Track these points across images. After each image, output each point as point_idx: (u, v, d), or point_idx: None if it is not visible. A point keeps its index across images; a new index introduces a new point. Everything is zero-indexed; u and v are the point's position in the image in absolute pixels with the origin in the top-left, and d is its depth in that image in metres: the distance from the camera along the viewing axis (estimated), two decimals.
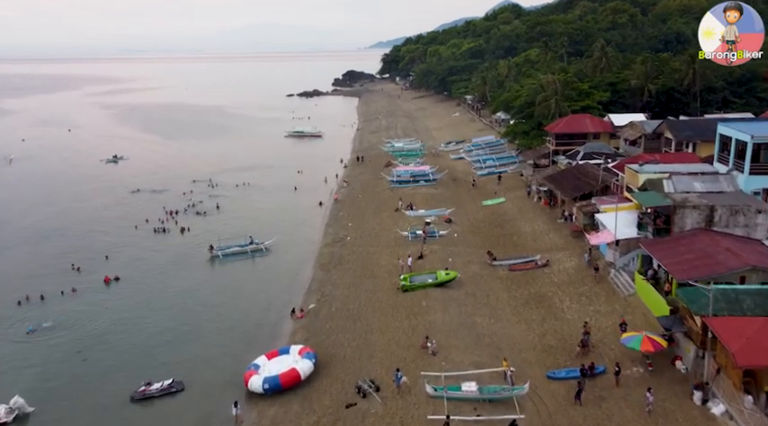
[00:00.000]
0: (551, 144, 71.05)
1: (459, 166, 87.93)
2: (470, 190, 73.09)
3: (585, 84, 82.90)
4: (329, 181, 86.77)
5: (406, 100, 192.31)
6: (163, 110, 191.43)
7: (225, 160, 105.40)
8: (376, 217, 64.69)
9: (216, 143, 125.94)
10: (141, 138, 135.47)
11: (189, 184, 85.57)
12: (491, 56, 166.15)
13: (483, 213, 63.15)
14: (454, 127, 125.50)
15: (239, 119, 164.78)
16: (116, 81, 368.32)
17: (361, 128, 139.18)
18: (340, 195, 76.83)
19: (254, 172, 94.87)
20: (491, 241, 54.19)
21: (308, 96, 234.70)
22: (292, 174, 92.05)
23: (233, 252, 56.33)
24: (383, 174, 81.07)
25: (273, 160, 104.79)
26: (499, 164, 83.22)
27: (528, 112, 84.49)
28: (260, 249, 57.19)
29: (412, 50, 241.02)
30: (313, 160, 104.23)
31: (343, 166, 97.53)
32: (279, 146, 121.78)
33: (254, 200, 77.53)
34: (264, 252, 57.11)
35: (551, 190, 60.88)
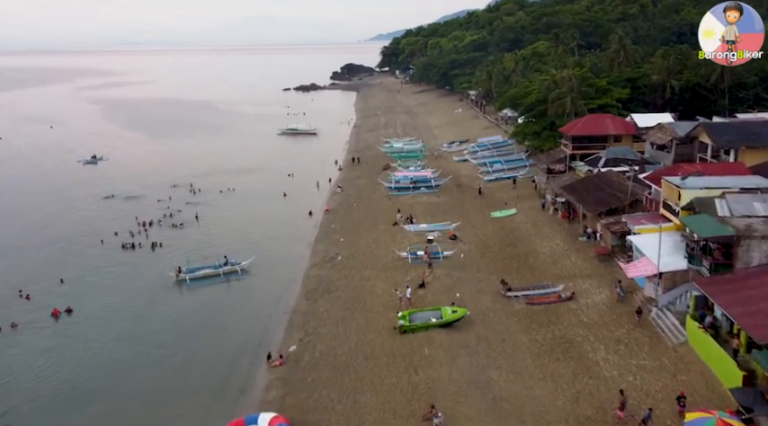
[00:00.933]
0: (568, 147, 63.64)
1: (464, 170, 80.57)
2: (477, 199, 65.76)
3: (603, 81, 75.36)
4: (322, 185, 79.48)
5: (406, 94, 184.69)
6: (153, 106, 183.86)
7: (211, 161, 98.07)
8: (371, 231, 57.40)
9: (204, 142, 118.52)
10: (125, 137, 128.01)
11: (168, 190, 78.30)
12: (495, 49, 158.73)
13: (492, 227, 55.83)
14: (457, 124, 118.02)
15: (231, 116, 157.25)
16: (110, 74, 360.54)
17: (359, 126, 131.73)
18: (333, 204, 69.52)
19: (241, 175, 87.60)
20: (503, 263, 46.91)
21: (304, 91, 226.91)
22: (282, 178, 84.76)
23: (204, 276, 48.90)
24: (380, 180, 73.63)
25: (264, 161, 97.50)
26: (508, 167, 75.83)
27: (539, 111, 77.09)
28: (236, 271, 49.82)
29: (412, 43, 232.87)
30: (306, 161, 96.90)
31: (338, 168, 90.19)
32: (271, 145, 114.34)
33: (237, 209, 70.18)
34: (241, 274, 49.70)
35: (570, 201, 53.61)
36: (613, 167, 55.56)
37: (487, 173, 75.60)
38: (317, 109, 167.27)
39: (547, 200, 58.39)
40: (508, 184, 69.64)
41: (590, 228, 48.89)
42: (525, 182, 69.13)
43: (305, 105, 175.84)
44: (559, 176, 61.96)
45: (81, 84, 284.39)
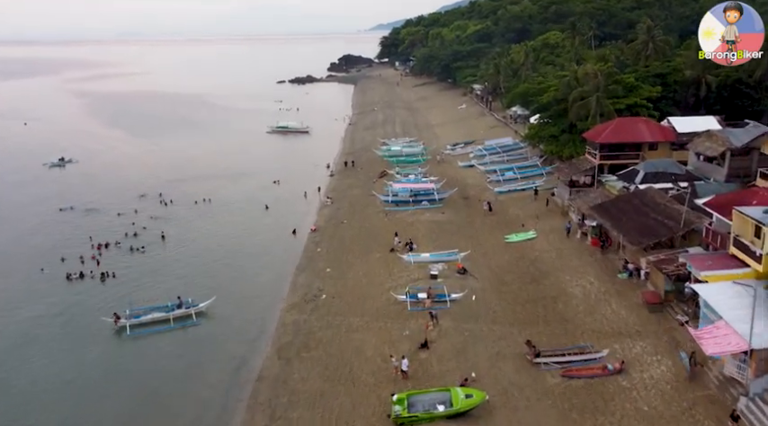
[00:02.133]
0: (595, 157, 54.17)
1: (470, 178, 71.19)
2: (487, 217, 56.41)
3: (631, 77, 65.79)
4: (310, 195, 70.19)
5: (406, 87, 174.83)
6: (139, 100, 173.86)
7: (191, 165, 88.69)
8: (364, 259, 48.17)
9: (186, 142, 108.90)
10: (103, 135, 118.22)
11: (135, 201, 69.05)
12: (500, 39, 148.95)
13: (509, 255, 46.53)
14: (461, 122, 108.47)
15: (219, 112, 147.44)
16: (102, 65, 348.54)
17: (355, 123, 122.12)
18: (321, 220, 60.28)
19: (221, 181, 78.32)
20: (526, 310, 37.65)
21: (300, 83, 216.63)
22: (267, 185, 75.51)
23: (150, 322, 39.60)
24: (375, 193, 64.11)
25: (248, 164, 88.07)
26: (521, 176, 66.54)
27: (557, 111, 67.72)
28: (190, 316, 40.38)
29: (412, 33, 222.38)
30: (295, 165, 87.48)
31: (330, 174, 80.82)
32: (258, 145, 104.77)
33: (211, 226, 60.83)
34: (197, 321, 40.14)
35: (602, 224, 44.35)
36: (653, 183, 46.28)
37: (498, 182, 66.24)
38: (312, 103, 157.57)
39: (572, 222, 49.10)
40: (523, 198, 60.37)
41: (631, 263, 39.68)
42: (543, 195, 59.78)
43: (299, 99, 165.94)
44: (585, 191, 52.58)
45: (70, 76, 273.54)
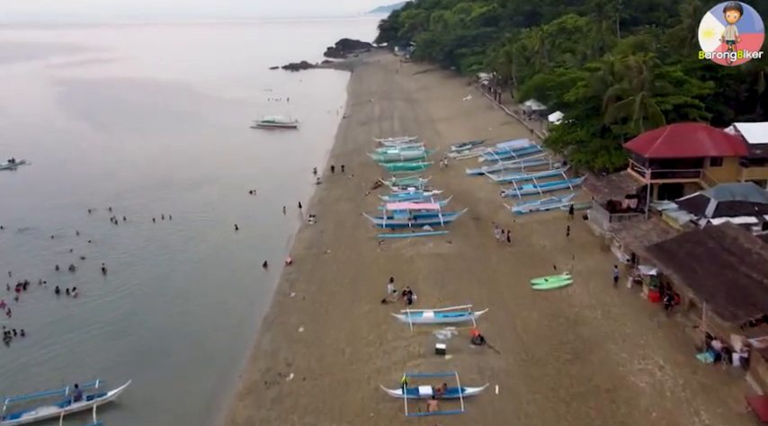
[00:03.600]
0: (644, 174, 42.70)
1: (481, 190, 59.81)
2: (505, 248, 45.16)
3: (677, 69, 54.13)
4: (290, 211, 59.03)
5: (406, 75, 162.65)
6: (120, 88, 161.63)
7: (158, 167, 77.46)
8: (348, 312, 37.01)
9: (160, 138, 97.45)
10: (67, 130, 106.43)
11: (82, 216, 57.98)
12: (508, 23, 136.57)
13: (538, 312, 35.26)
14: (467, 117, 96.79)
15: (203, 102, 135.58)
16: (92, 50, 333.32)
17: (349, 117, 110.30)
18: (299, 247, 49.10)
19: (189, 190, 67.25)
20: (572, 414, 26.46)
21: (293, 69, 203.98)
22: (241, 196, 64.42)
23: (34, 420, 28.58)
24: (367, 215, 52.44)
25: (224, 168, 76.74)
26: (543, 189, 55.14)
27: (585, 110, 56.38)
28: (90, 410, 29.08)
29: (413, 16, 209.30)
30: (277, 168, 76.21)
31: (316, 181, 69.49)
32: (239, 143, 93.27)
33: (164, 256, 49.51)
34: (96, 423, 28.89)
35: (665, 274, 33.18)
36: (730, 216, 35.04)
37: (514, 197, 54.85)
38: (304, 92, 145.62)
39: (619, 265, 37.86)
40: (547, 221, 49.03)
41: (717, 339, 28.54)
42: (579, 220, 48.47)
43: (291, 88, 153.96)
44: (632, 220, 41.26)
45: (53, 61, 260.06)
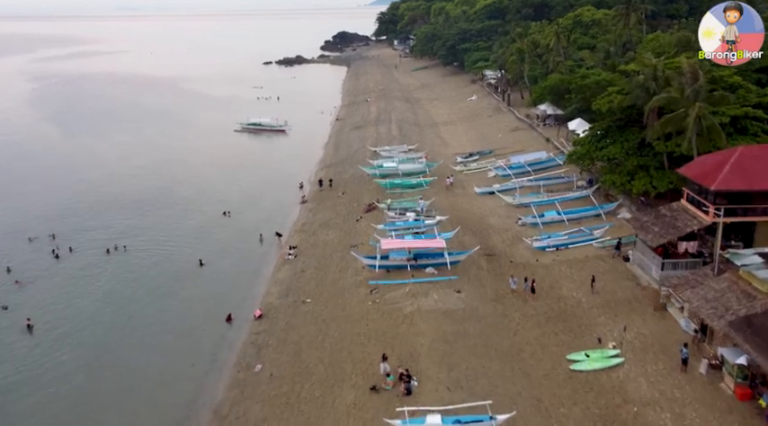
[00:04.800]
0: (707, 211, 33.50)
1: (493, 214, 50.65)
2: (527, 302, 35.99)
3: (732, 74, 44.74)
4: (268, 240, 50.09)
5: (405, 71, 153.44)
6: (102, 84, 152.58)
7: (122, 180, 68.37)
8: (327, 406, 27.82)
9: (133, 144, 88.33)
10: (36, 133, 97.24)
11: (19, 246, 49.01)
12: (515, 16, 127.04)
13: (581, 407, 26.11)
14: (472, 121, 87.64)
15: (188, 100, 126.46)
16: (86, 42, 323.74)
17: (343, 119, 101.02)
18: (273, 294, 40.06)
19: (154, 210, 58.16)
20: None
21: (288, 64, 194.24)
22: (213, 219, 55.52)
23: None
24: (356, 254, 42.57)
25: (199, 181, 67.88)
26: (569, 217, 46.01)
27: (619, 121, 47.30)
28: None
29: (413, 8, 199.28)
30: (258, 182, 67.28)
31: (301, 200, 60.40)
32: (219, 149, 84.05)
33: (108, 305, 40.36)
34: None
35: (756, 361, 24.18)
36: None
37: (534, 226, 45.74)
38: (297, 90, 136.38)
39: (684, 337, 28.82)
40: (579, 261, 39.94)
41: None
42: (598, 253, 39.41)
43: (283, 85, 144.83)
44: (697, 274, 32.13)
45: (42, 54, 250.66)
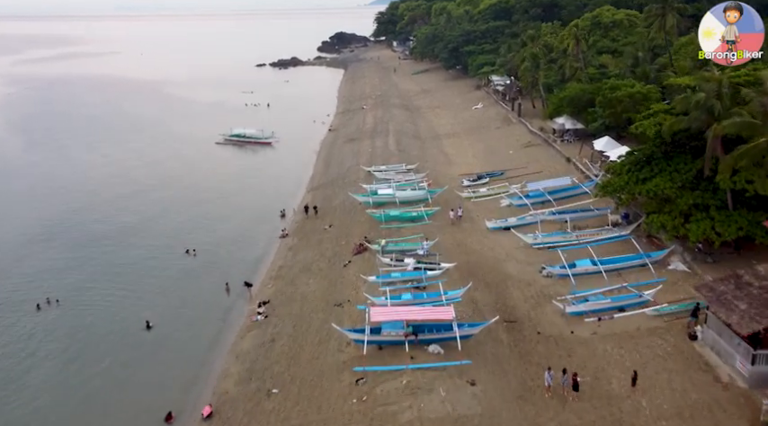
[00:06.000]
0: None
1: (509, 257, 41.39)
2: (567, 403, 26.79)
3: None
4: (235, 291, 41.08)
5: (405, 74, 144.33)
6: (82, 89, 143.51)
7: (77, 207, 59.40)
8: None
9: (91, 158, 79.15)
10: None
11: None
12: (522, 17, 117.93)
13: None
14: (479, 133, 78.48)
15: (170, 106, 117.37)
16: (77, 43, 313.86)
17: (336, 129, 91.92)
18: (230, 378, 30.99)
19: (100, 251, 49.03)
20: None
21: (282, 67, 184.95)
22: (173, 259, 46.62)
23: None
24: (338, 327, 32.04)
25: (163, 208, 58.82)
26: (607, 268, 36.77)
27: (665, 146, 38.31)
28: None
29: (412, 8, 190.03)
30: (233, 209, 58.26)
31: (281, 234, 51.35)
32: (195, 166, 75.05)
33: (25, 387, 31.51)
34: None
35: None
36: None
37: (563, 277, 36.64)
38: (289, 95, 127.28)
39: None
40: (625, 331, 30.82)
41: None
42: (659, 330, 30.33)
43: (275, 89, 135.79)
44: None
45: (28, 56, 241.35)
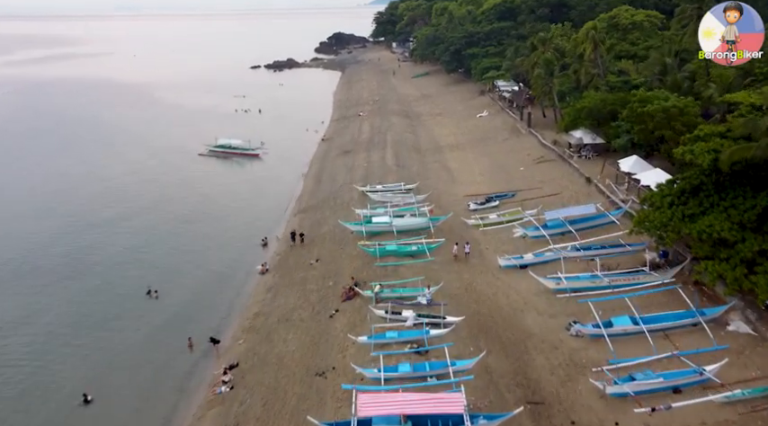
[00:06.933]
0: None
1: (527, 306, 34.36)
2: None
3: None
4: (199, 346, 34.17)
5: (404, 78, 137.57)
6: (64, 93, 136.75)
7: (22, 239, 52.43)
8: None
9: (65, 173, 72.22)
10: None
11: None
12: (529, 17, 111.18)
13: None
14: (485, 145, 71.46)
15: (155, 112, 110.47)
16: (71, 43, 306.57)
17: (330, 139, 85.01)
18: None
19: (33, 298, 42.03)
20: None
21: (277, 69, 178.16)
22: (130, 303, 39.55)
23: None
24: (313, 419, 24.94)
25: (125, 237, 51.83)
26: (652, 328, 29.82)
27: (718, 175, 31.42)
28: None
29: (412, 8, 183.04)
30: (208, 239, 51.25)
31: (261, 269, 44.46)
32: (173, 180, 68.13)
33: None
34: None
35: None
36: None
37: (598, 337, 29.71)
38: (283, 100, 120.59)
39: None
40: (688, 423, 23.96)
41: None
42: None
43: (268, 93, 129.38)
44: None
45: (16, 57, 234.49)
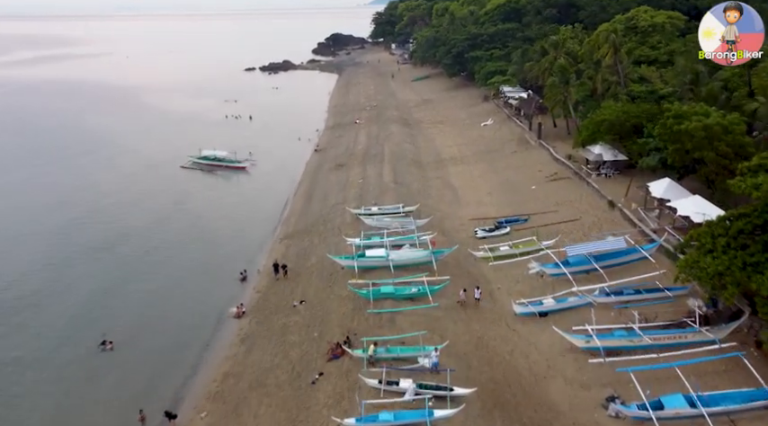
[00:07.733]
0: None
1: (554, 371, 28.23)
2: None
3: None
4: (151, 422, 28.01)
5: (404, 82, 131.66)
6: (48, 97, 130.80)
7: None
8: None
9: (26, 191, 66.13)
10: None
11: None
12: (535, 19, 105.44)
13: None
14: (491, 159, 65.30)
15: (142, 118, 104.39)
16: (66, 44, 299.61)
17: (323, 149, 78.83)
18: None
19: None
20: None
21: (272, 71, 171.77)
22: (80, 362, 33.51)
23: None
24: None
25: (85, 269, 45.69)
26: (714, 411, 23.63)
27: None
28: None
29: (412, 8, 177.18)
30: (181, 270, 45.10)
31: (236, 312, 38.31)
32: (147, 200, 61.87)
33: None
34: None
35: None
36: None
37: (643, 421, 23.62)
38: (277, 105, 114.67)
39: None
40: None
41: None
42: None
43: (261, 97, 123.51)
44: None
45: (13, 57, 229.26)
